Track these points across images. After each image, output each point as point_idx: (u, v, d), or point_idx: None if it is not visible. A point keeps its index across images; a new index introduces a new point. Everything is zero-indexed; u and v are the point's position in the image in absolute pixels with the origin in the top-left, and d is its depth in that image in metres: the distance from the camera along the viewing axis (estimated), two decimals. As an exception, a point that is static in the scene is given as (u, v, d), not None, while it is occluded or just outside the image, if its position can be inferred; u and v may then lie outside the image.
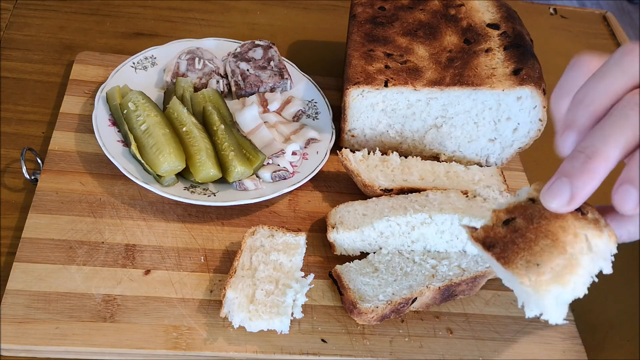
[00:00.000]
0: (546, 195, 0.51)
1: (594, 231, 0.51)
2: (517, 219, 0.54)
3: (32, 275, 0.74)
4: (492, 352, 0.78)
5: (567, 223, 0.51)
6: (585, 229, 0.51)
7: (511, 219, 0.54)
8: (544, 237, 0.51)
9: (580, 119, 0.51)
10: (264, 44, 1.03)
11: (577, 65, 0.54)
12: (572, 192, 0.49)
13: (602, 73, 0.51)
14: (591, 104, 0.50)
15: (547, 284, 0.50)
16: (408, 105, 0.92)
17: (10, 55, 1.03)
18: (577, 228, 0.51)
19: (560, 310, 0.51)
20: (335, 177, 0.95)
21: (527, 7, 1.39)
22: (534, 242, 0.51)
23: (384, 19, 0.98)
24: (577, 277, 0.51)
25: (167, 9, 1.18)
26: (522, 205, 0.55)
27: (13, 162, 0.88)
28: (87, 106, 0.94)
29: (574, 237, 0.51)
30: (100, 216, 0.82)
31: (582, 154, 0.49)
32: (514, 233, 0.53)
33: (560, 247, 0.50)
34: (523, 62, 0.90)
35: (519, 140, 0.95)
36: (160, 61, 1.00)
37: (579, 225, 0.51)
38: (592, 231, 0.51)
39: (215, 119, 0.89)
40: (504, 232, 0.54)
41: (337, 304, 0.79)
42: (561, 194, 0.50)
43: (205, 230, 0.84)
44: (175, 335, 0.72)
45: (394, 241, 0.82)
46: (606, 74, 0.50)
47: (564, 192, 0.49)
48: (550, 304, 0.51)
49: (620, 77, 0.50)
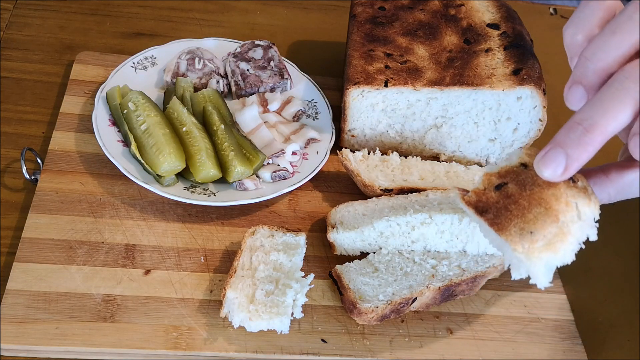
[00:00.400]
0: (540, 163, 0.51)
1: (584, 199, 0.52)
2: (510, 184, 0.54)
3: (32, 275, 0.74)
4: (492, 352, 0.78)
5: (559, 191, 0.52)
6: (576, 197, 0.52)
7: (503, 184, 0.55)
8: (537, 205, 0.52)
9: (590, 76, 0.50)
10: (264, 44, 1.03)
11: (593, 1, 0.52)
12: (566, 163, 0.49)
13: (612, 29, 0.49)
14: (600, 61, 0.50)
15: (539, 252, 0.51)
16: (408, 105, 0.92)
17: (10, 55, 1.02)
18: (569, 197, 0.52)
19: (547, 275, 0.53)
20: (335, 177, 0.95)
21: (527, 7, 1.39)
22: (527, 209, 0.52)
23: (384, 19, 0.98)
24: (567, 245, 0.52)
25: (167, 9, 1.18)
26: (515, 170, 0.55)
27: (13, 162, 0.88)
28: (87, 106, 0.94)
29: (566, 205, 0.52)
30: (100, 216, 0.82)
31: (580, 125, 0.48)
32: (507, 199, 0.53)
33: (553, 215, 0.51)
34: (523, 62, 0.90)
35: (519, 140, 0.95)
36: (160, 61, 1.00)
37: (571, 193, 0.52)
38: (582, 199, 0.52)
39: (215, 119, 0.89)
40: (496, 197, 0.54)
41: (337, 304, 0.79)
42: (556, 163, 0.50)
43: (205, 230, 0.84)
44: (175, 335, 0.72)
45: (394, 241, 0.82)
46: (616, 31, 0.49)
47: (559, 162, 0.50)
48: (540, 269, 0.52)
49: (631, 34, 0.49)
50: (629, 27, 0.49)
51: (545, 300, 0.84)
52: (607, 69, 0.49)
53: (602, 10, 0.52)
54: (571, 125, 0.49)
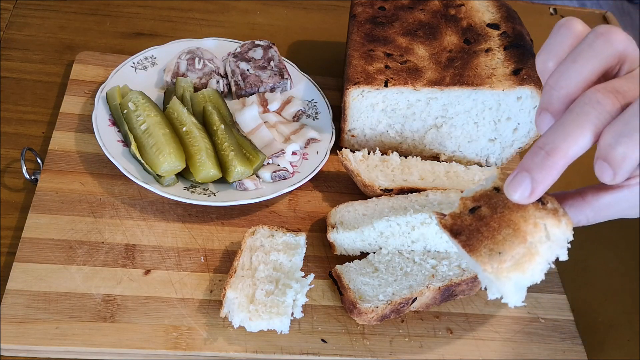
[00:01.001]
0: (509, 187, 0.53)
1: (553, 220, 0.54)
2: (483, 207, 0.56)
3: (32, 275, 0.74)
4: (492, 352, 0.78)
5: (528, 213, 0.54)
6: (544, 219, 0.53)
7: (477, 207, 0.56)
8: (506, 227, 0.54)
9: (555, 103, 0.52)
10: (264, 44, 1.03)
11: (563, 29, 0.55)
12: (532, 186, 0.51)
13: (573, 57, 0.52)
14: (562, 89, 0.52)
15: (508, 272, 0.53)
16: (408, 105, 0.92)
17: (10, 55, 1.02)
18: (537, 218, 0.53)
19: (519, 295, 0.54)
20: (335, 177, 0.95)
21: (527, 7, 1.39)
22: (497, 231, 0.54)
23: (384, 19, 0.98)
24: (535, 265, 0.53)
25: (167, 9, 1.18)
26: (488, 194, 0.57)
27: (13, 162, 0.88)
28: (87, 106, 0.94)
29: (534, 226, 0.53)
30: (100, 216, 0.82)
31: (542, 150, 0.50)
32: (479, 221, 0.55)
33: (521, 236, 0.53)
34: (523, 62, 0.90)
35: (519, 140, 0.95)
36: (160, 61, 1.00)
37: (539, 215, 0.54)
38: (551, 220, 0.53)
39: (215, 119, 0.89)
40: (469, 220, 0.56)
41: (337, 304, 0.79)
42: (522, 187, 0.52)
43: (205, 230, 0.84)
44: (175, 335, 0.72)
45: (394, 241, 0.82)
46: (577, 58, 0.51)
47: (525, 186, 0.51)
48: (510, 289, 0.53)
49: (591, 61, 0.51)
50: (589, 55, 0.51)
51: (545, 300, 0.84)
52: (571, 95, 0.52)
53: (572, 37, 0.54)
54: (535, 149, 0.51)
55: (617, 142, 0.47)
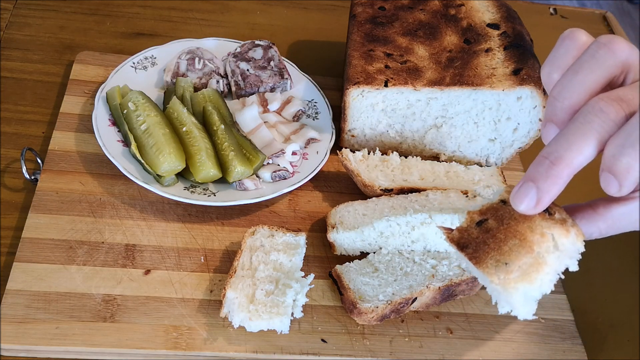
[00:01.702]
0: (514, 198, 0.53)
1: (561, 230, 0.53)
2: (489, 220, 0.56)
3: (32, 275, 0.74)
4: (492, 352, 0.78)
5: (534, 224, 0.54)
6: (551, 229, 0.53)
7: (484, 220, 0.57)
8: (513, 237, 0.54)
9: (559, 113, 0.53)
10: (264, 44, 1.03)
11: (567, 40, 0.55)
12: (538, 196, 0.51)
13: (575, 68, 0.52)
14: (566, 99, 0.52)
15: (515, 282, 0.52)
16: (408, 105, 0.92)
17: (10, 55, 1.02)
18: (544, 228, 0.53)
19: (529, 307, 0.54)
20: (335, 177, 0.95)
21: (527, 7, 1.39)
22: (503, 242, 0.54)
23: (384, 18, 0.98)
24: (543, 275, 0.53)
25: (167, 9, 1.18)
26: (494, 207, 0.57)
27: (13, 162, 0.88)
28: (87, 106, 0.94)
29: (541, 236, 0.53)
30: (100, 216, 0.82)
31: (546, 159, 0.50)
32: (485, 234, 0.55)
33: (528, 246, 0.53)
34: (523, 62, 0.90)
35: (519, 140, 0.95)
36: (160, 61, 1.00)
37: (546, 225, 0.53)
38: (558, 230, 0.53)
39: (215, 119, 0.89)
40: (476, 233, 0.56)
41: (337, 304, 0.79)
42: (528, 197, 0.52)
43: (205, 230, 0.84)
44: (175, 335, 0.72)
45: (394, 241, 0.82)
46: (579, 70, 0.52)
47: (531, 196, 0.51)
48: (519, 300, 0.53)
49: (594, 71, 0.51)
50: (591, 65, 0.51)
51: (545, 300, 0.84)
52: (574, 106, 0.52)
53: (576, 49, 0.54)
54: (539, 159, 0.51)
55: (620, 153, 0.47)
